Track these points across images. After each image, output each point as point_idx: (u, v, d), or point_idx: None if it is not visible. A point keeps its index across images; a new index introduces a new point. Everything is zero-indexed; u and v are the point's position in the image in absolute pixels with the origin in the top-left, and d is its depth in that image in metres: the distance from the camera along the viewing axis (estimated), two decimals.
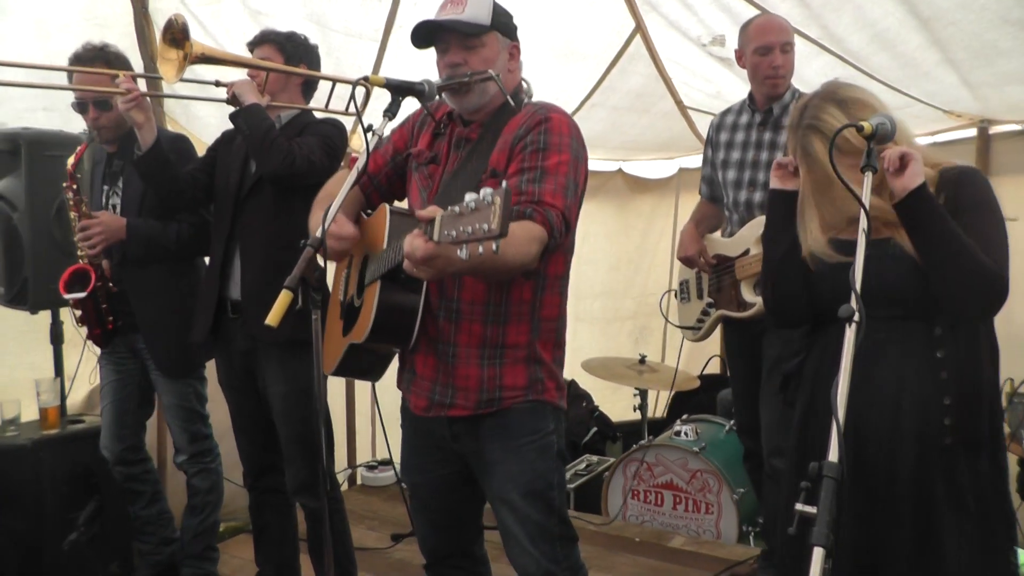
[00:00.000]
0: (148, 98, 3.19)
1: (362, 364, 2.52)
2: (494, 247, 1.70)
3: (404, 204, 2.62)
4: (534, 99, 2.49)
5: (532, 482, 2.36)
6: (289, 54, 3.24)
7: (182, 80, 3.00)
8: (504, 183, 1.73)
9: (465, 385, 2.33)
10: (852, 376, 1.60)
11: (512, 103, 2.38)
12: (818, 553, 1.42)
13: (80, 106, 3.44)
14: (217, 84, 3.20)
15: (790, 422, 2.42)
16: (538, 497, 2.37)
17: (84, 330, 3.56)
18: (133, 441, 3.74)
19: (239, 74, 3.23)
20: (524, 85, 2.50)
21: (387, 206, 2.40)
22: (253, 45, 3.29)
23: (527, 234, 2.12)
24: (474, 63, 2.32)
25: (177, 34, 2.88)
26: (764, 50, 3.47)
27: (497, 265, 2.02)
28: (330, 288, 2.81)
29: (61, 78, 3.41)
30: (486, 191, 1.69)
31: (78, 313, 3.49)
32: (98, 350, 3.73)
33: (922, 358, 2.14)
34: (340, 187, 2.28)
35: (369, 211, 2.63)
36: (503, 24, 2.39)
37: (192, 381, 3.67)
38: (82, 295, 3.40)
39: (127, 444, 3.71)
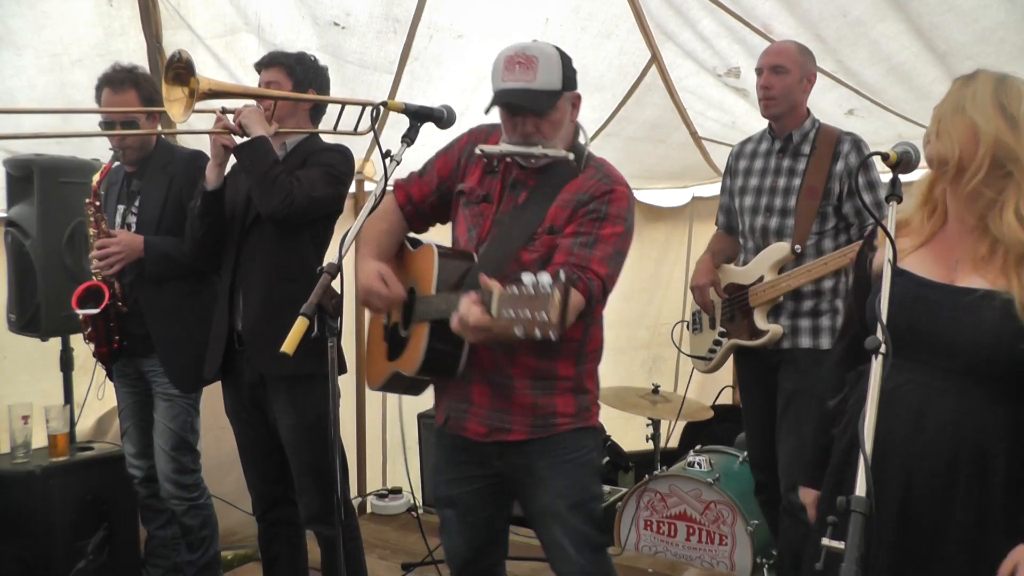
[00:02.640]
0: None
1: (405, 386, 2.68)
2: (552, 335, 1.83)
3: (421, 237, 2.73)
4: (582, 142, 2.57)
5: (578, 494, 2.53)
6: (299, 78, 3.20)
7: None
8: (562, 273, 1.88)
9: (521, 411, 2.47)
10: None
11: (575, 164, 2.45)
12: None
13: (107, 125, 3.44)
14: (224, 112, 3.15)
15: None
16: (582, 508, 2.53)
17: (91, 347, 3.55)
18: None
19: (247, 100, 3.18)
20: (579, 131, 2.56)
21: (434, 247, 2.47)
22: (261, 66, 3.25)
23: (571, 306, 2.17)
24: (546, 129, 2.40)
25: (181, 71, 2.82)
26: (758, 72, 3.53)
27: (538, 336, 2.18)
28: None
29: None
30: (545, 280, 1.82)
31: (88, 330, 3.48)
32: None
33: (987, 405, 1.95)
34: (382, 224, 2.51)
35: (411, 235, 2.72)
36: (570, 79, 2.44)
37: (191, 411, 3.62)
38: (95, 311, 3.39)
39: (153, 462, 3.67)
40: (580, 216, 2.38)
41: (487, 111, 2.44)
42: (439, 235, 2.76)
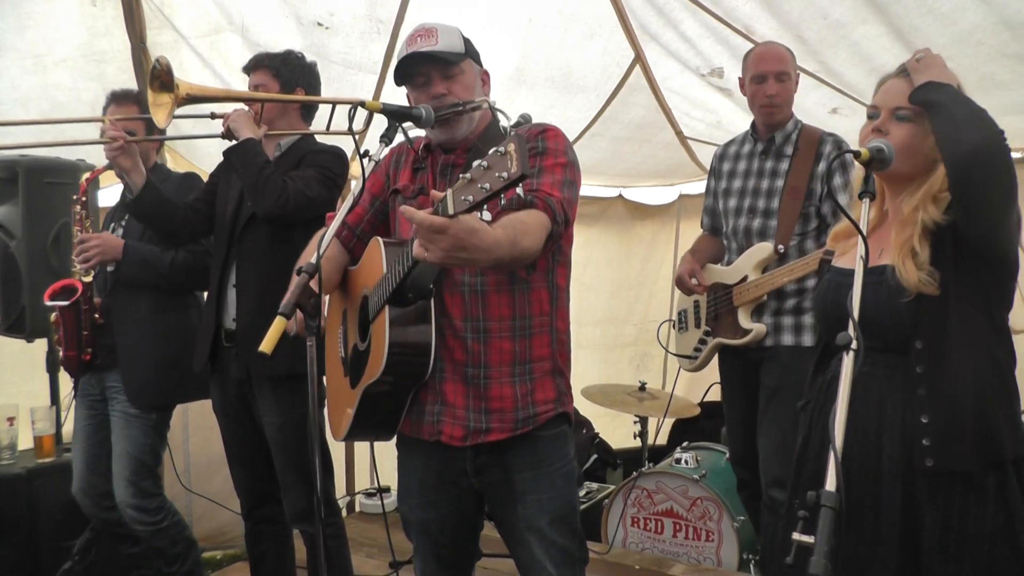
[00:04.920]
0: (133, 143, 3.20)
1: (379, 411, 2.40)
2: (519, 192, 1.78)
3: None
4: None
5: (561, 508, 2.38)
6: (285, 78, 3.20)
7: (180, 117, 2.99)
8: (513, 131, 1.78)
9: (500, 407, 2.32)
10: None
11: (506, 126, 2.42)
12: None
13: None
14: (213, 116, 3.15)
15: (790, 452, 2.34)
16: (564, 522, 2.39)
17: (60, 351, 3.49)
18: (105, 488, 3.53)
19: (235, 103, 3.18)
20: (500, 116, 2.53)
21: (378, 239, 2.36)
22: (248, 70, 3.26)
23: (536, 220, 2.14)
24: (457, 91, 2.37)
25: (164, 77, 2.83)
26: (759, 79, 3.49)
27: (515, 252, 2.03)
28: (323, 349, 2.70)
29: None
30: (493, 149, 1.70)
31: (59, 331, 3.43)
32: None
33: (902, 378, 2.01)
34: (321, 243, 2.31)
35: (353, 267, 2.58)
36: (474, 52, 2.45)
37: (151, 433, 3.50)
38: (65, 303, 3.35)
39: (99, 491, 3.55)
40: None
41: (398, 84, 2.43)
42: None
